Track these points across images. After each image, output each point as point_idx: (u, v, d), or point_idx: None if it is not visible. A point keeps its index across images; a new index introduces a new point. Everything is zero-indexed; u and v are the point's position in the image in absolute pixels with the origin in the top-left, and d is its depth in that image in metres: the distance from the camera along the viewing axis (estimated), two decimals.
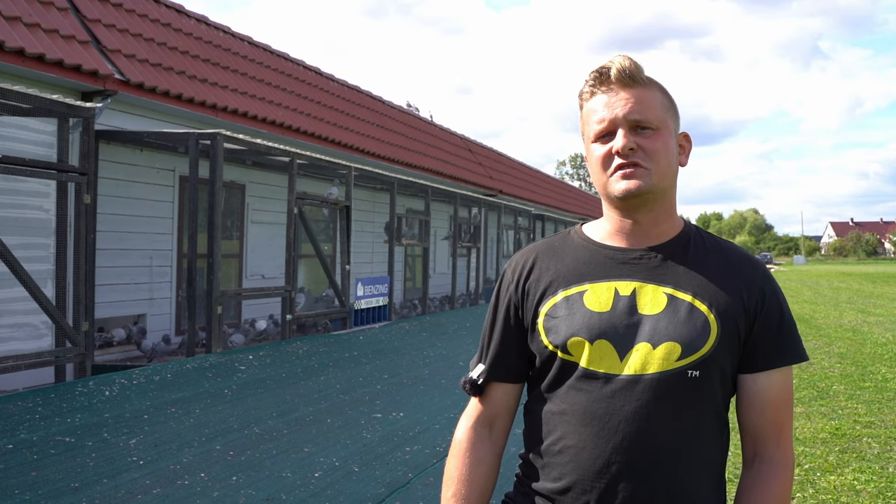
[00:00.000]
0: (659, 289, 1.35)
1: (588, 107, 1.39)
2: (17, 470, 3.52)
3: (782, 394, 1.37)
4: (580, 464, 1.32)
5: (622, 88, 1.35)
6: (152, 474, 3.65)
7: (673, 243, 1.40)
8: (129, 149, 7.76)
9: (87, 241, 5.65)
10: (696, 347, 1.30)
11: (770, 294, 1.37)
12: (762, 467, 1.37)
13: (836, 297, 24.10)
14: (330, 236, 11.66)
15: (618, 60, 1.36)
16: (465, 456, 1.45)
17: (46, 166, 5.49)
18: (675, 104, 1.42)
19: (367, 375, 6.38)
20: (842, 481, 5.00)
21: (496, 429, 1.48)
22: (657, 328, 1.32)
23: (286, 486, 3.68)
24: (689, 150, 1.45)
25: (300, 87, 10.84)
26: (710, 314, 1.32)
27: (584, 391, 1.33)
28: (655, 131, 1.34)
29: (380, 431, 4.75)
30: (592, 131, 1.37)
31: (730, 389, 1.38)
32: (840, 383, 8.59)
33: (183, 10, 9.05)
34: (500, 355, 1.46)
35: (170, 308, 8.43)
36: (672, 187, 1.40)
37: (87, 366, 5.58)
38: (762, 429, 1.37)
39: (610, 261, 1.39)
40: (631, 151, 1.32)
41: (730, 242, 1.47)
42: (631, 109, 1.33)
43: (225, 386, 5.41)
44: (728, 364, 1.34)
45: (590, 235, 1.45)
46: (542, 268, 1.44)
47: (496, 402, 1.48)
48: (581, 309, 1.35)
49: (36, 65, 6.08)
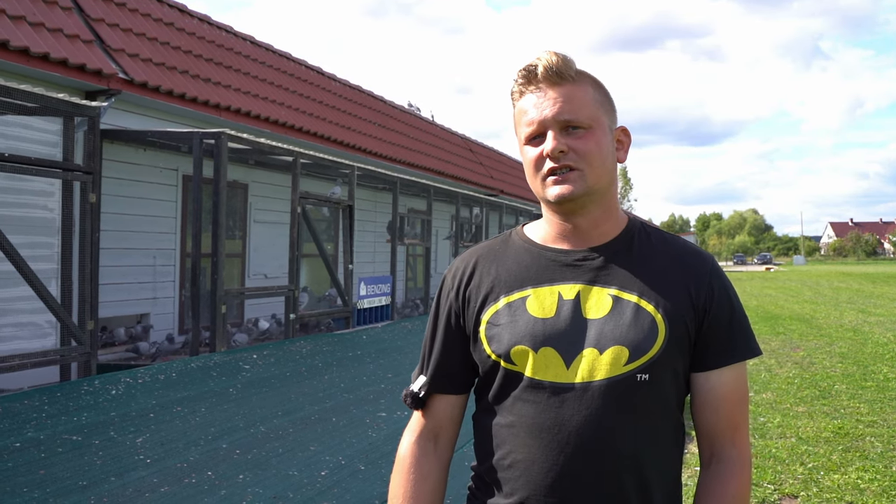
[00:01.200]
0: (604, 290, 1.29)
1: (518, 107, 1.33)
2: (26, 468, 3.53)
3: (736, 391, 1.33)
4: (531, 478, 1.27)
5: (550, 87, 1.28)
6: (160, 472, 3.66)
7: (616, 242, 1.34)
8: (132, 148, 7.77)
9: (91, 240, 5.66)
10: (643, 350, 1.25)
11: (719, 289, 1.32)
12: (719, 467, 1.32)
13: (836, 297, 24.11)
14: (331, 236, 11.67)
15: (545, 57, 1.29)
16: (409, 472, 1.39)
17: (52, 165, 5.50)
18: (610, 98, 1.35)
19: (371, 374, 6.39)
20: (846, 480, 5.01)
21: (441, 442, 1.42)
22: (603, 332, 1.26)
23: (293, 484, 3.69)
24: (627, 145, 1.38)
25: (302, 87, 10.85)
26: (657, 314, 1.27)
27: (530, 402, 1.27)
28: (587, 130, 1.28)
29: (385, 430, 4.76)
30: (523, 133, 1.31)
31: (683, 389, 1.34)
32: (842, 383, 8.60)
33: (186, 9, 9.06)
34: (442, 366, 1.40)
35: (173, 307, 8.44)
36: (610, 185, 1.33)
37: (93, 365, 5.59)
38: (717, 428, 1.33)
39: (552, 263, 1.33)
40: (562, 154, 1.26)
41: (677, 237, 1.41)
42: (560, 110, 1.27)
43: (230, 385, 5.42)
44: (679, 364, 1.30)
45: (531, 237, 1.39)
46: (483, 273, 1.37)
47: (440, 414, 1.41)
48: (524, 315, 1.30)
49: (40, 64, 6.09)
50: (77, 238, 5.69)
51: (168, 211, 8.37)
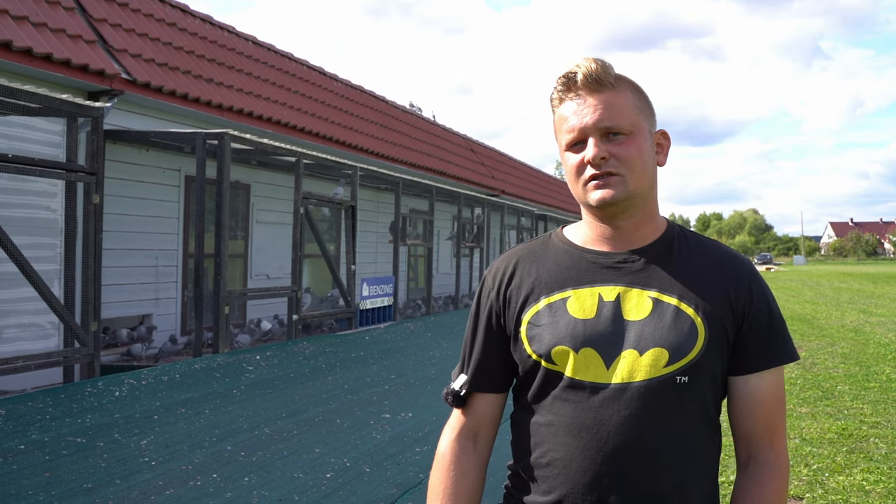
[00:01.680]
0: (644, 293, 1.31)
1: (558, 114, 1.35)
2: (31, 471, 3.52)
3: (774, 395, 1.34)
4: (570, 476, 1.29)
5: (590, 94, 1.30)
6: (165, 475, 3.65)
7: (656, 245, 1.36)
8: (134, 148, 7.76)
9: (95, 241, 5.65)
10: (683, 352, 1.27)
11: (758, 293, 1.34)
12: (757, 470, 1.34)
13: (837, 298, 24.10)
14: (333, 236, 11.66)
15: (584, 64, 1.31)
16: (449, 469, 1.41)
17: (55, 166, 5.49)
18: (650, 102, 1.37)
19: (375, 376, 6.38)
20: (851, 482, 5.00)
21: (480, 440, 1.44)
22: (643, 334, 1.28)
23: (298, 486, 3.68)
24: (667, 149, 1.40)
25: (304, 87, 10.84)
26: (696, 317, 1.29)
27: (570, 402, 1.30)
28: (628, 136, 1.30)
29: (389, 432, 4.75)
30: (564, 140, 1.33)
31: (720, 392, 1.35)
32: (845, 383, 8.59)
33: (188, 9, 9.05)
34: (483, 365, 1.42)
35: (175, 308, 8.43)
36: (651, 189, 1.36)
37: (96, 366, 5.58)
38: (755, 431, 1.34)
39: (593, 265, 1.35)
40: (603, 161, 1.28)
41: (715, 241, 1.43)
42: (600, 117, 1.29)
43: (233, 386, 5.41)
44: (717, 367, 1.31)
45: (571, 239, 1.41)
46: (524, 273, 1.39)
47: (479, 413, 1.43)
48: (565, 316, 1.32)
49: (43, 64, 6.08)
50: (80, 239, 5.68)
51: (170, 211, 8.35)
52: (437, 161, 14.58)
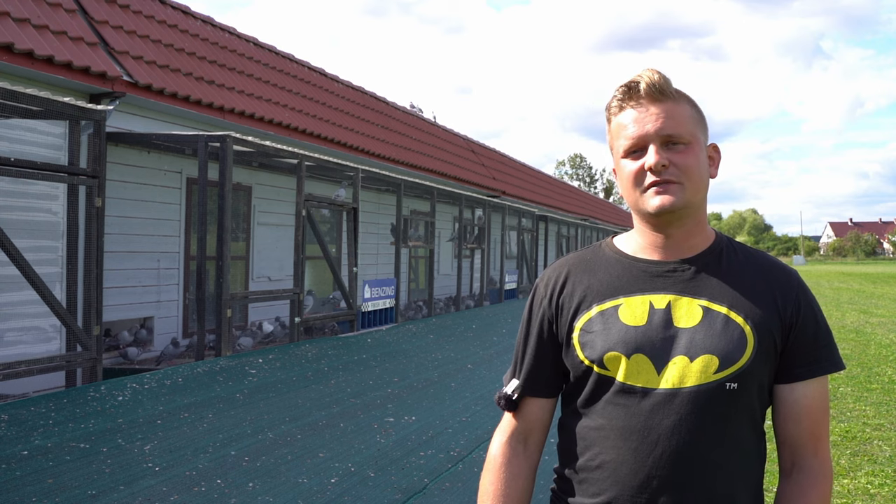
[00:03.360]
0: (694, 301, 1.35)
1: (617, 121, 1.38)
2: (34, 477, 3.50)
3: (819, 403, 1.37)
4: (620, 478, 1.32)
5: (652, 103, 1.34)
6: (169, 481, 3.63)
7: (705, 255, 1.39)
8: (136, 151, 7.74)
9: (97, 244, 5.63)
10: (733, 360, 1.30)
11: (805, 304, 1.37)
12: (800, 477, 1.36)
13: (837, 298, 24.11)
14: (334, 238, 11.65)
15: (647, 74, 1.35)
16: (500, 471, 1.45)
17: (57, 169, 5.47)
18: (704, 116, 1.42)
19: (377, 379, 6.37)
20: (855, 485, 4.99)
21: (531, 444, 1.49)
22: (694, 341, 1.31)
23: (303, 492, 3.67)
24: (718, 162, 1.44)
25: (306, 89, 10.82)
26: (746, 326, 1.32)
27: (621, 406, 1.33)
28: (687, 146, 1.34)
29: (393, 436, 4.73)
30: (622, 147, 1.36)
31: (766, 400, 1.38)
32: (847, 385, 8.59)
33: (189, 10, 9.03)
34: (535, 370, 1.47)
35: (177, 310, 8.41)
36: (704, 200, 1.40)
37: (98, 370, 5.56)
38: (800, 439, 1.37)
39: (643, 274, 1.39)
40: (663, 168, 1.32)
41: (762, 252, 1.46)
42: (662, 125, 1.32)
43: (236, 390, 5.40)
44: (765, 375, 1.34)
45: (622, 249, 1.45)
46: (576, 282, 1.44)
47: (531, 417, 1.48)
48: (617, 323, 1.36)
49: (45, 67, 6.06)
50: (82, 242, 5.66)
51: (172, 214, 8.34)
52: (438, 162, 14.56)
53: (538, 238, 18.47)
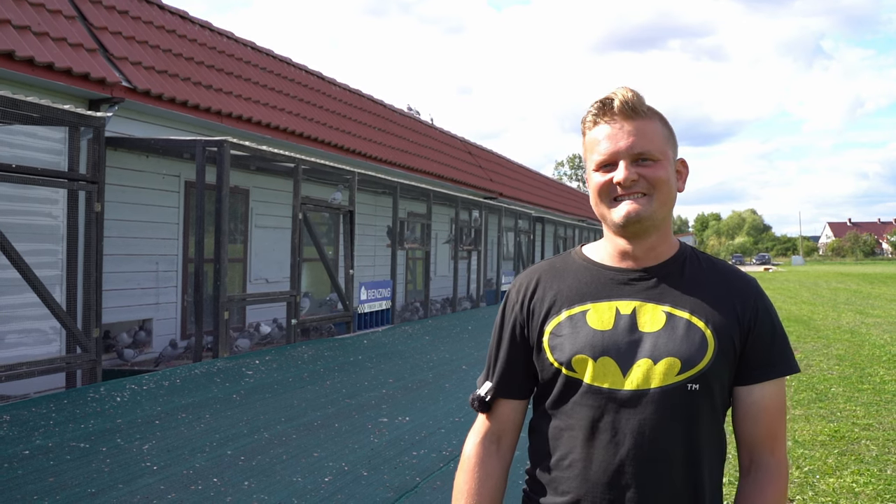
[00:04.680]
0: (658, 307, 1.42)
1: (591, 136, 1.45)
2: (35, 476, 3.60)
3: (776, 404, 1.45)
4: (588, 477, 1.39)
5: (624, 120, 1.41)
6: (166, 479, 3.73)
7: (669, 264, 1.47)
8: (135, 155, 7.83)
9: (96, 248, 5.73)
10: (694, 362, 1.38)
11: (763, 309, 1.45)
12: (758, 475, 1.44)
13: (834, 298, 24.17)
14: (332, 239, 11.73)
15: (620, 92, 1.42)
16: (474, 471, 1.51)
17: (57, 175, 5.56)
18: (674, 132, 1.49)
19: (372, 379, 6.46)
20: (841, 483, 5.08)
21: (503, 444, 1.55)
22: (657, 344, 1.39)
23: (297, 490, 3.76)
24: (685, 176, 1.52)
25: (303, 92, 10.92)
26: (707, 330, 1.40)
27: (589, 406, 1.40)
28: (656, 162, 1.42)
29: (387, 436, 4.83)
30: (594, 161, 1.44)
31: (726, 401, 1.46)
32: (838, 385, 8.67)
33: (187, 15, 9.12)
34: (507, 373, 1.53)
35: (175, 312, 8.50)
36: (670, 213, 1.47)
37: (98, 371, 5.66)
38: (757, 438, 1.44)
39: (610, 281, 1.46)
40: (633, 182, 1.40)
41: (723, 261, 1.55)
42: (633, 143, 1.40)
43: (233, 391, 5.49)
44: (725, 377, 1.42)
45: (590, 257, 1.52)
46: (546, 288, 1.50)
47: (503, 418, 1.54)
48: (584, 327, 1.43)
49: (45, 73, 6.16)
50: (82, 246, 5.76)
51: (170, 217, 8.43)
52: (435, 164, 14.66)
53: (535, 239, 18.55)
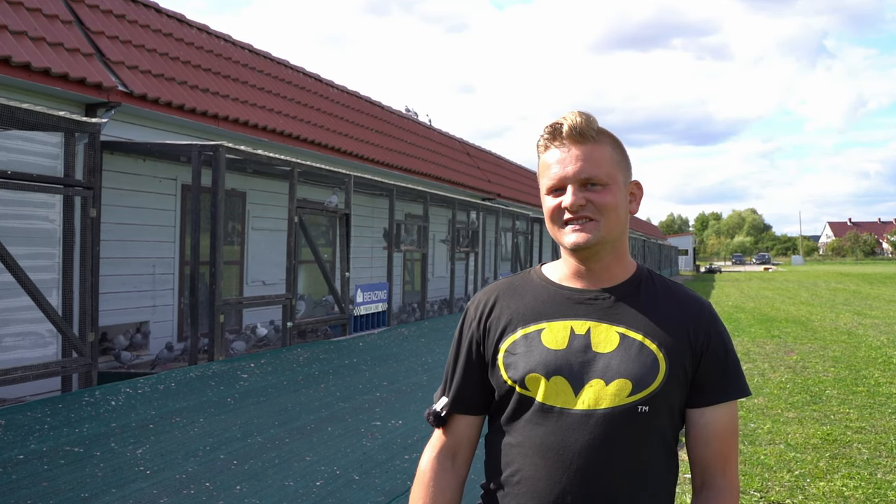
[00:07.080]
0: (612, 328, 1.45)
1: (543, 159, 1.49)
2: (29, 480, 3.63)
3: (728, 426, 1.47)
4: (537, 493, 1.41)
5: (573, 145, 1.44)
6: (159, 484, 3.76)
7: (625, 286, 1.50)
8: (131, 159, 7.87)
9: (92, 253, 5.76)
10: (645, 384, 1.40)
11: (715, 334, 1.48)
12: (709, 494, 1.47)
13: (832, 299, 24.19)
14: (329, 241, 11.76)
15: (570, 117, 1.45)
16: (429, 485, 1.54)
17: (53, 181, 5.60)
18: (626, 155, 1.52)
19: (367, 383, 6.49)
20: (831, 487, 5.12)
21: (459, 459, 1.57)
22: (610, 365, 1.41)
23: (289, 495, 3.80)
24: (640, 198, 1.55)
25: (300, 95, 10.95)
26: (659, 353, 1.42)
27: (540, 425, 1.42)
28: (604, 187, 1.44)
29: (379, 439, 4.86)
30: (545, 185, 1.48)
31: (678, 423, 1.48)
32: (833, 388, 8.70)
33: (184, 19, 9.15)
34: (463, 389, 1.55)
35: (172, 315, 8.54)
36: (622, 235, 1.49)
37: (93, 375, 5.69)
38: (709, 459, 1.47)
39: (567, 301, 1.49)
40: (580, 207, 1.43)
41: (679, 284, 1.57)
42: (580, 168, 1.43)
43: (228, 394, 5.53)
44: (676, 399, 1.44)
45: (548, 276, 1.55)
46: (503, 306, 1.53)
47: (459, 433, 1.56)
48: (539, 346, 1.44)
49: (42, 79, 6.19)
50: (78, 251, 5.79)
51: (167, 220, 8.47)
52: (432, 166, 14.69)
53: (532, 240, 18.59)
